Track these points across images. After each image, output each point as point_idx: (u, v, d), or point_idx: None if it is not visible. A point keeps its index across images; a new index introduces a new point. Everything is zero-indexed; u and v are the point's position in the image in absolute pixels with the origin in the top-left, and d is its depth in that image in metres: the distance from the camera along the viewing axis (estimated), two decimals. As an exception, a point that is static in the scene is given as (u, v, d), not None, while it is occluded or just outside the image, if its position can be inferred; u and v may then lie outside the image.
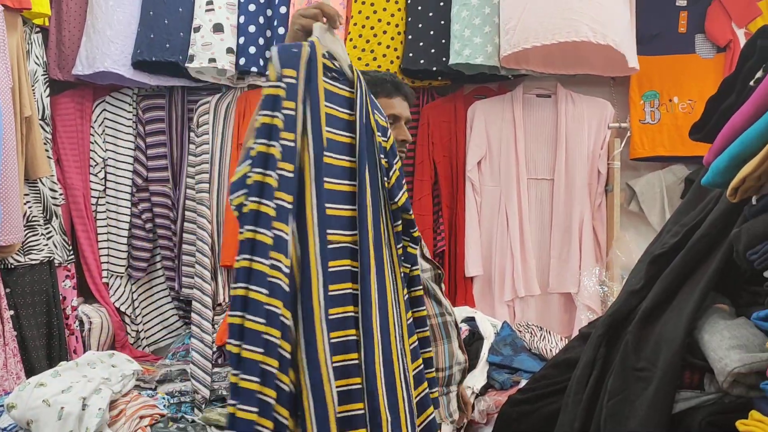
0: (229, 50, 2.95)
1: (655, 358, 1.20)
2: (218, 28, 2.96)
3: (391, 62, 2.94)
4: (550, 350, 2.57)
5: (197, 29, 2.96)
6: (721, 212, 1.25)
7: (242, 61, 2.94)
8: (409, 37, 2.94)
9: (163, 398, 2.30)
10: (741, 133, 1.08)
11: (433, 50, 2.91)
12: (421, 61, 2.90)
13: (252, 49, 2.95)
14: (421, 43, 2.92)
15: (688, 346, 1.19)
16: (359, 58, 2.91)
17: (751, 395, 1.11)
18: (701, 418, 1.16)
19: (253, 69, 2.96)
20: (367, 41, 2.93)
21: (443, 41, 2.91)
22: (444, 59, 2.89)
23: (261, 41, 2.99)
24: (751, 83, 1.08)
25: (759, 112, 1.03)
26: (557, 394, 1.50)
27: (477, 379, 2.43)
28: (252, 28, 2.96)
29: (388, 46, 2.94)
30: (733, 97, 1.13)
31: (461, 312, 2.78)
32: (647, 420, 1.15)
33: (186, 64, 2.95)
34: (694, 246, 1.26)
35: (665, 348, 1.18)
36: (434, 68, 2.91)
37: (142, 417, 2.06)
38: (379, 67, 2.90)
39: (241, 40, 2.96)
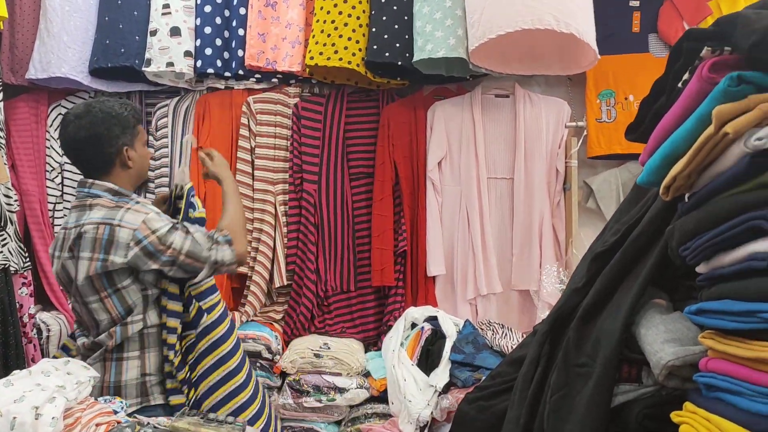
0: (187, 53, 2.93)
1: (594, 354, 1.22)
2: (175, 31, 2.93)
3: (353, 54, 2.84)
4: (512, 347, 2.59)
5: (153, 33, 2.93)
6: (657, 210, 1.28)
7: (199, 63, 2.92)
8: (373, 29, 2.86)
9: (122, 402, 2.27)
10: (671, 133, 1.11)
11: (398, 44, 2.84)
12: (386, 54, 2.83)
13: (208, 51, 2.93)
14: (385, 36, 2.85)
15: (626, 340, 1.22)
16: (321, 53, 2.84)
17: (686, 387, 1.14)
18: (638, 410, 1.19)
19: (210, 71, 2.94)
20: (328, 35, 2.86)
21: (407, 37, 2.85)
22: (408, 55, 2.83)
23: (218, 42, 2.97)
24: (679, 85, 1.11)
25: (686, 113, 1.06)
26: (511, 390, 1.53)
27: (439, 377, 2.45)
28: (208, 30, 2.94)
29: (349, 39, 2.85)
30: (664, 98, 1.16)
31: (424, 311, 2.80)
32: (587, 414, 1.18)
33: (143, 68, 2.92)
34: (632, 243, 1.29)
35: (604, 343, 1.21)
36: (399, 62, 2.83)
37: (98, 425, 2.01)
38: (340, 59, 2.83)
39: (198, 42, 2.94)
